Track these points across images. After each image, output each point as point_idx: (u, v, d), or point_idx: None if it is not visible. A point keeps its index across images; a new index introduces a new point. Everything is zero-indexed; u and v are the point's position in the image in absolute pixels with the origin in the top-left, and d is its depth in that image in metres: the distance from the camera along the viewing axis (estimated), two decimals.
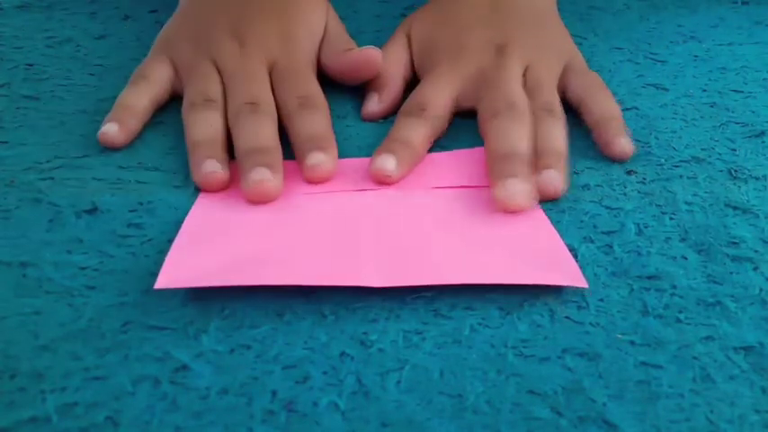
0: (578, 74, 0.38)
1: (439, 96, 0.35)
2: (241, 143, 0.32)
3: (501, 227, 0.29)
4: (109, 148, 0.34)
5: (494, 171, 0.31)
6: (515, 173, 0.30)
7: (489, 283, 0.26)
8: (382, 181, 0.32)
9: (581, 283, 0.26)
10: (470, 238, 0.28)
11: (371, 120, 0.37)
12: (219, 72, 0.36)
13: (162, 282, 0.25)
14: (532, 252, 0.28)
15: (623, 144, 0.34)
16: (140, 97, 0.35)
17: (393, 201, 0.31)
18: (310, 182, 0.32)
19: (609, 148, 0.34)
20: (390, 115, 0.37)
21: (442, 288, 0.26)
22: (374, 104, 0.38)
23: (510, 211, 0.29)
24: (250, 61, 0.36)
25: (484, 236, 0.28)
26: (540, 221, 0.29)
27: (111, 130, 0.33)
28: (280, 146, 0.32)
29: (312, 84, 0.36)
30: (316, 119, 0.34)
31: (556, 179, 0.31)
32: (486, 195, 0.31)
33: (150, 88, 0.36)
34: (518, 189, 0.30)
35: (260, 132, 0.32)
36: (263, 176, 0.30)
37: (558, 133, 0.34)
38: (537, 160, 0.32)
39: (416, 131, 0.34)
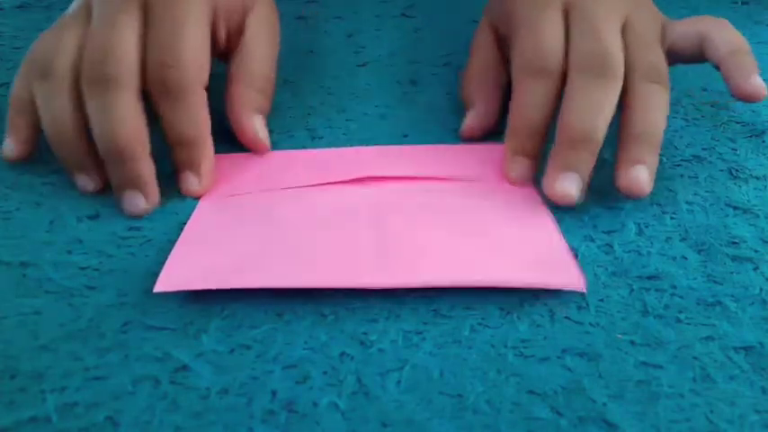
0: (687, 18, 0.33)
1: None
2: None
3: (504, 226, 0.29)
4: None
5: (558, 154, 0.29)
6: (575, 165, 0.28)
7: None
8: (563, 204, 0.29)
9: (580, 287, 0.26)
10: (472, 238, 0.28)
11: (470, 137, 0.35)
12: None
13: (161, 285, 0.25)
14: (534, 254, 0.28)
15: (757, 84, 0.30)
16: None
17: (394, 197, 0.31)
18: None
19: (740, 88, 0.30)
20: (491, 131, 0.35)
21: (442, 288, 0.26)
22: (471, 119, 0.34)
23: (557, 203, 0.29)
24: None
25: (486, 236, 0.28)
26: (544, 221, 0.29)
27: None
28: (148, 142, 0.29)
29: (188, 43, 0.30)
30: (182, 109, 0.30)
31: (645, 181, 0.28)
32: (490, 192, 0.31)
33: None
34: (573, 186, 0.28)
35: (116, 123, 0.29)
36: (132, 208, 0.29)
37: (661, 112, 0.30)
38: (624, 143, 0.29)
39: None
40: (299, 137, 0.35)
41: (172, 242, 0.28)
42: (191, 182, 0.31)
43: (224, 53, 0.34)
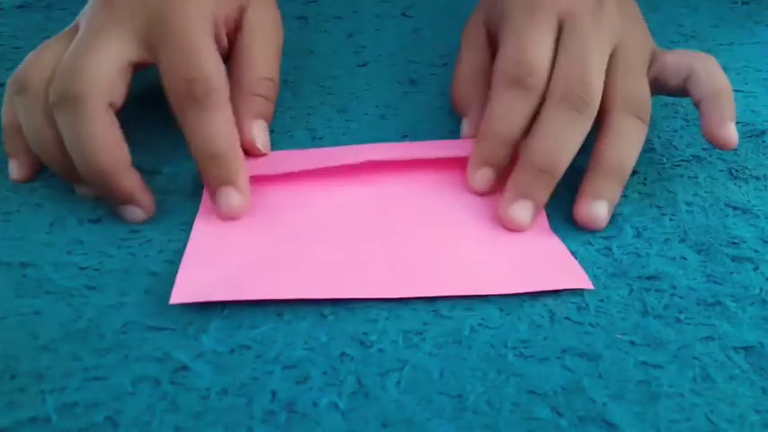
0: (676, 51, 0.33)
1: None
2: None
3: (504, 233, 0.29)
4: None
5: (516, 180, 0.29)
6: (531, 193, 0.29)
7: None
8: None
9: (587, 285, 0.26)
10: (475, 244, 0.28)
11: None
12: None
13: (177, 297, 0.25)
14: (536, 257, 0.28)
15: (729, 132, 0.30)
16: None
17: (398, 201, 0.31)
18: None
19: (713, 133, 0.30)
20: None
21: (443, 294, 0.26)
22: (469, 129, 0.33)
23: (507, 227, 0.29)
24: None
25: (488, 241, 0.28)
26: (541, 225, 0.29)
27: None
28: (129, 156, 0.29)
29: (207, 58, 0.29)
30: (213, 121, 0.29)
31: (602, 217, 0.29)
32: (489, 198, 0.31)
33: None
34: (526, 213, 0.29)
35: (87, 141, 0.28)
36: (132, 219, 0.29)
37: (634, 147, 0.30)
38: (591, 174, 0.29)
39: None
40: (299, 137, 0.35)
41: (172, 242, 0.28)
42: (232, 197, 0.29)
43: (225, 56, 0.34)
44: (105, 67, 0.29)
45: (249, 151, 0.32)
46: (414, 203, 0.31)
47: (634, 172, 0.33)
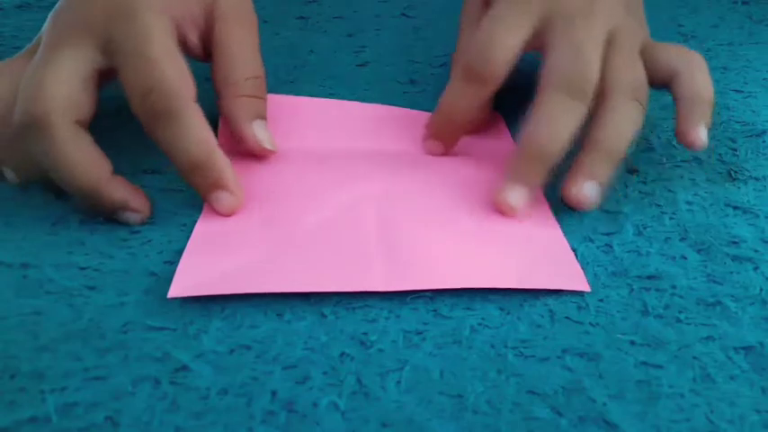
0: (669, 46, 0.33)
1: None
2: None
3: (506, 226, 0.29)
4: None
5: (511, 165, 0.29)
6: (527, 179, 0.29)
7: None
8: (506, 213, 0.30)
9: (584, 287, 0.26)
10: (475, 238, 0.28)
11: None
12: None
13: (175, 290, 0.25)
14: (536, 255, 0.28)
15: (700, 136, 0.30)
16: None
17: (399, 195, 0.31)
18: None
19: (684, 134, 0.30)
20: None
21: (443, 288, 0.26)
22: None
23: (502, 213, 0.29)
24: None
25: (488, 236, 0.28)
26: (546, 221, 0.29)
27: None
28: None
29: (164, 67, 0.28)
30: (180, 132, 0.28)
31: (591, 199, 0.29)
32: (491, 192, 0.31)
33: None
34: (520, 199, 0.29)
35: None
36: (130, 222, 0.29)
37: (631, 125, 0.30)
38: (584, 155, 0.30)
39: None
40: None
41: (172, 242, 0.28)
42: (223, 200, 0.29)
43: (204, 56, 0.33)
44: (65, 83, 0.27)
45: (259, 153, 0.32)
46: (414, 197, 0.31)
47: (636, 171, 0.33)
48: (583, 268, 0.27)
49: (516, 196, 0.29)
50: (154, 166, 0.33)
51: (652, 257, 0.28)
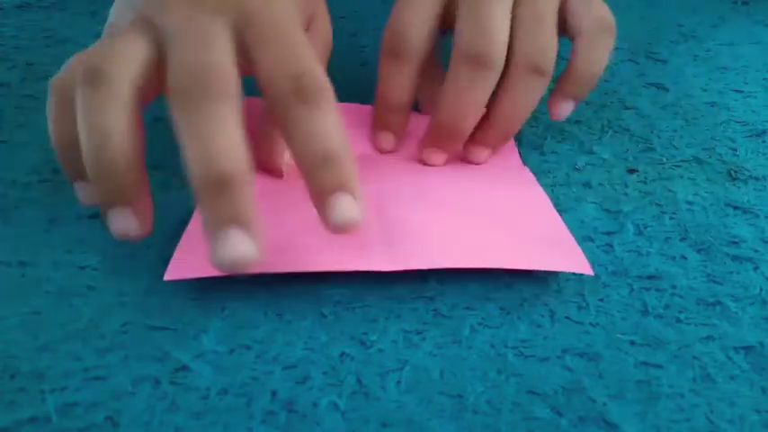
0: (592, 2, 0.32)
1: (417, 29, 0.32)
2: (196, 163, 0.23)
3: (506, 208, 0.29)
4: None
5: (427, 136, 0.32)
6: (440, 147, 0.32)
7: (493, 268, 0.26)
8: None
9: (587, 270, 0.26)
10: (476, 219, 0.28)
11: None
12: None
13: (171, 273, 0.25)
14: (538, 237, 0.28)
15: (561, 112, 0.33)
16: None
17: (397, 177, 0.31)
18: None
19: (550, 104, 0.33)
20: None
21: (443, 288, 0.26)
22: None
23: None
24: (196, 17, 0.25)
25: (489, 217, 0.29)
26: (543, 204, 0.30)
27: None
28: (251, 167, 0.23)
29: (308, 55, 0.25)
30: (326, 119, 0.24)
31: (483, 156, 0.33)
32: (489, 173, 0.31)
33: None
34: (435, 158, 0.33)
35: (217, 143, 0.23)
36: (234, 254, 0.22)
37: (531, 99, 0.31)
38: (481, 128, 0.32)
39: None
40: None
41: (172, 241, 0.28)
42: (349, 206, 0.23)
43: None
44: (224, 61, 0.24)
45: (271, 167, 0.31)
46: (412, 179, 0.31)
47: (636, 171, 0.33)
48: None
49: (435, 158, 0.32)
50: (154, 162, 0.33)
51: (652, 257, 0.28)
